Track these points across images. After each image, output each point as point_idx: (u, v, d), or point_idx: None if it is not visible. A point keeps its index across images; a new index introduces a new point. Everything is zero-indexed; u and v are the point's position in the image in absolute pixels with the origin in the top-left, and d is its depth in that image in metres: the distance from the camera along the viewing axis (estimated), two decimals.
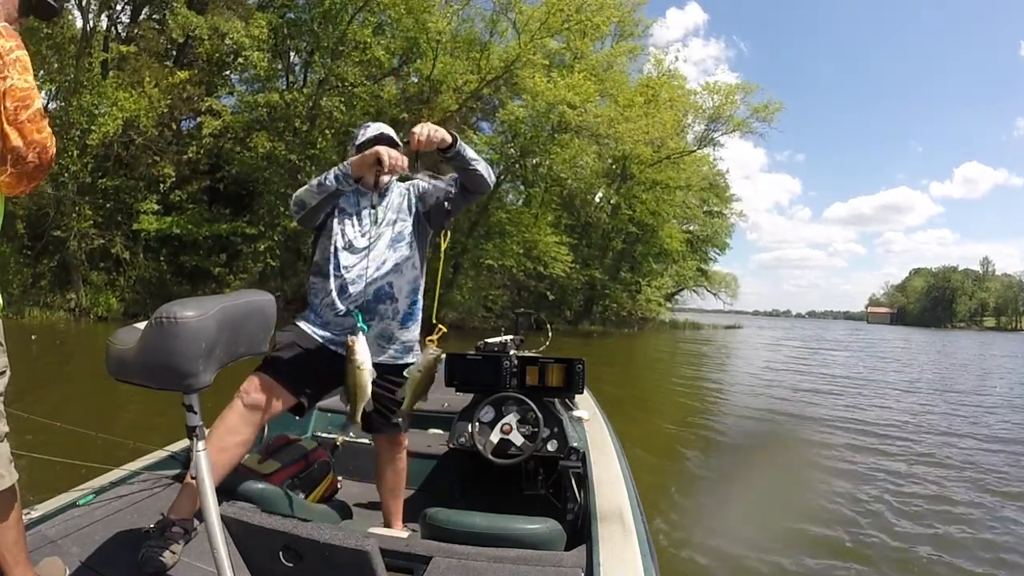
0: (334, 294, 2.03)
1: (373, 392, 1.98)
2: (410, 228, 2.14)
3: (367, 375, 1.85)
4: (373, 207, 2.12)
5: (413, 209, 2.17)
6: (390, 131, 2.20)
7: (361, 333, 1.89)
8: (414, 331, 2.18)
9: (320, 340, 2.05)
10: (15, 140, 1.28)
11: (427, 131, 1.88)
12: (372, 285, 2.04)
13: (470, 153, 2.03)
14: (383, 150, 1.91)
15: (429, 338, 1.90)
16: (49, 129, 1.35)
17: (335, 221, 2.10)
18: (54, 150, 1.36)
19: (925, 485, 5.15)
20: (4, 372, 1.37)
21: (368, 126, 2.24)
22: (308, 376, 2.00)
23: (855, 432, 7.24)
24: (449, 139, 1.94)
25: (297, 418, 2.19)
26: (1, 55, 1.28)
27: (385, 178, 2.12)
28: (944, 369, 17.96)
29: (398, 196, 2.19)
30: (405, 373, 1.98)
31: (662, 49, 32.86)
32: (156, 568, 1.56)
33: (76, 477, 2.05)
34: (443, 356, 1.90)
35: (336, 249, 2.07)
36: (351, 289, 2.03)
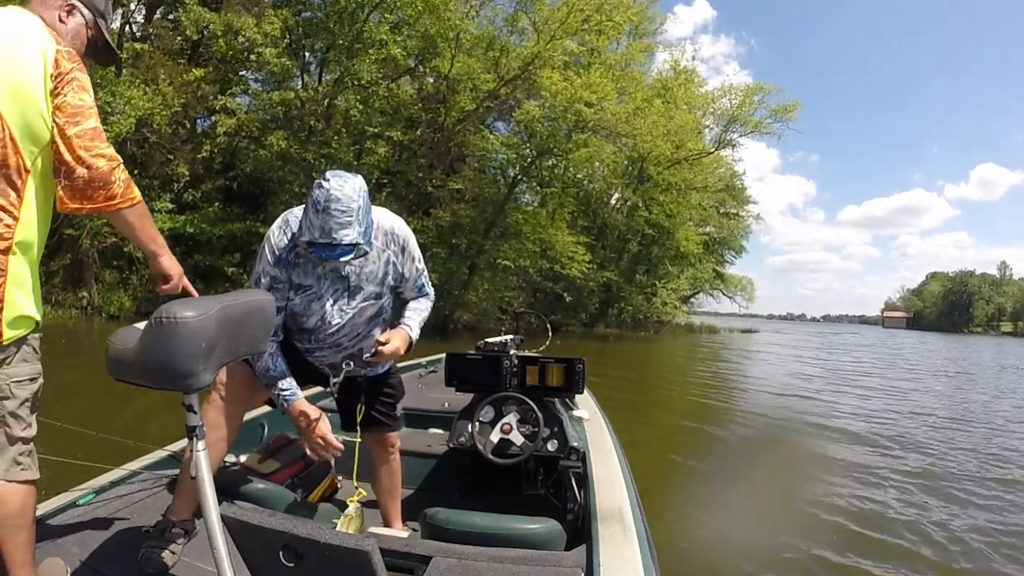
0: (303, 352, 2.01)
1: (355, 395, 2.05)
2: (388, 303, 2.02)
3: None
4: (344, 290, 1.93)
5: (391, 284, 1.99)
6: (342, 235, 1.65)
7: None
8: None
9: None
10: (64, 154, 1.37)
11: (390, 353, 1.93)
12: (341, 352, 1.98)
13: (415, 337, 2.06)
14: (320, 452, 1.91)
15: (351, 499, 1.86)
16: (106, 150, 1.41)
17: (303, 296, 1.89)
18: (109, 171, 1.40)
19: (940, 497, 4.96)
20: (36, 379, 1.45)
21: (325, 211, 1.64)
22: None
23: (865, 442, 6.96)
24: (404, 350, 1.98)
25: None
26: (62, 74, 1.39)
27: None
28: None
29: (381, 267, 1.92)
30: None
31: (675, 47, 32.56)
32: (156, 568, 1.58)
33: (76, 477, 2.06)
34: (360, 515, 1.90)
35: (309, 329, 1.94)
36: (318, 353, 1.99)
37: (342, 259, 1.69)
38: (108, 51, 1.68)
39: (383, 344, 1.92)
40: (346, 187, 1.65)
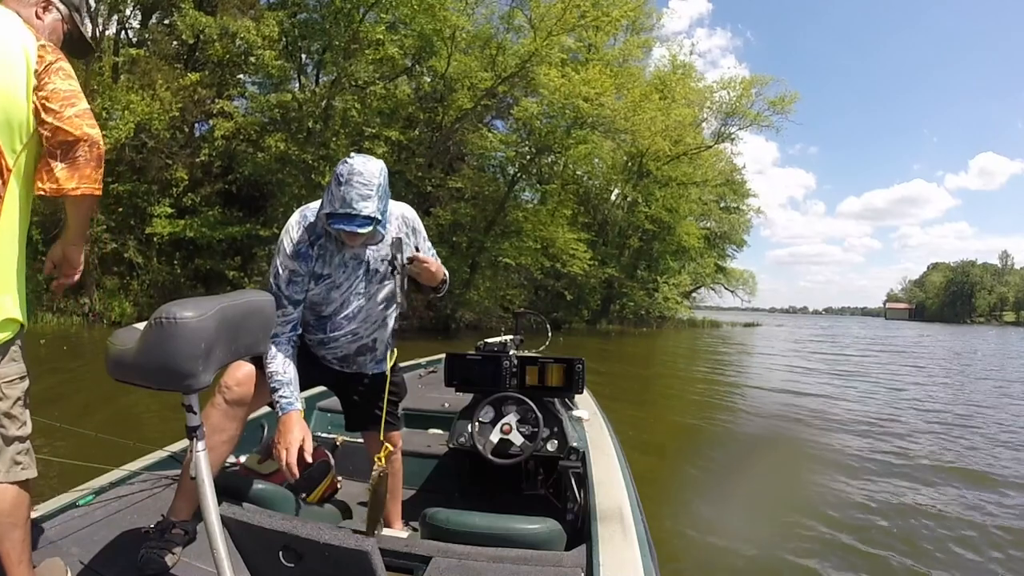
0: (316, 346, 2.05)
1: (361, 393, 2.11)
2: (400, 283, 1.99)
3: None
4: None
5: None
6: (362, 206, 1.71)
7: None
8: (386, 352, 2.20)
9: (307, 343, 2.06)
10: (63, 135, 1.37)
11: (423, 259, 1.92)
12: (357, 343, 2.04)
13: (447, 276, 2.12)
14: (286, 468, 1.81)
15: (377, 456, 1.83)
16: (98, 129, 1.44)
17: (323, 285, 1.94)
18: (103, 149, 1.44)
19: (940, 494, 4.89)
20: (24, 378, 1.46)
21: (348, 183, 1.71)
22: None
23: (867, 437, 6.89)
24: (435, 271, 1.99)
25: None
26: (48, 66, 1.40)
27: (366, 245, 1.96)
28: None
29: (396, 249, 1.96)
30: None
31: (672, 42, 32.56)
32: (156, 569, 1.58)
33: (76, 477, 2.06)
34: (384, 474, 1.84)
35: (326, 316, 1.99)
36: (332, 345, 2.03)
37: (360, 230, 1.72)
38: (83, 44, 1.71)
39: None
40: (369, 164, 1.75)
